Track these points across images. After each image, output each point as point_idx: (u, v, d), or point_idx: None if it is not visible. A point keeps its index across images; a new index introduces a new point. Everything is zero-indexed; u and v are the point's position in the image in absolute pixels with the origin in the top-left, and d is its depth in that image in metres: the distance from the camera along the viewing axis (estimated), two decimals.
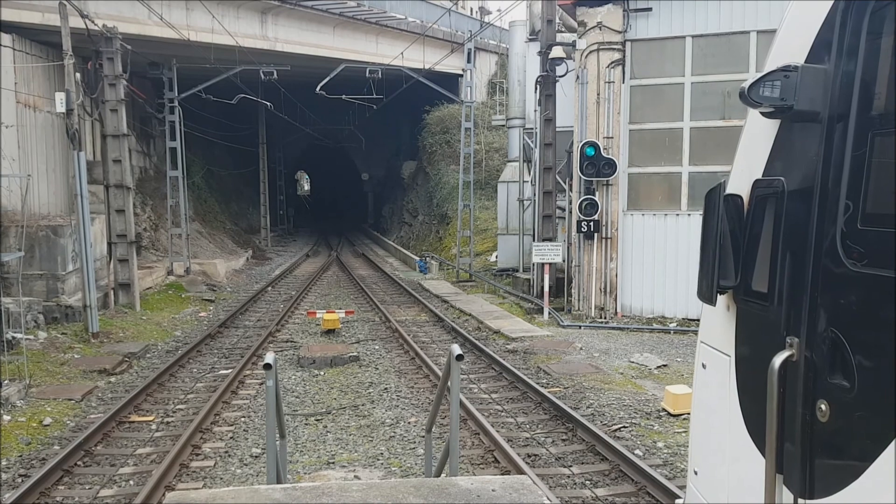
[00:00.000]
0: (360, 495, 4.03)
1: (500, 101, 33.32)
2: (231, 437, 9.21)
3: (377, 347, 14.89)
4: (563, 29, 19.31)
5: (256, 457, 8.47)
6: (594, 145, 16.37)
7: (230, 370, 12.57)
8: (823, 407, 2.11)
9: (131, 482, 7.80)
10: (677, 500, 3.60)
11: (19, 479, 7.80)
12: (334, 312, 16.65)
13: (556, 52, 17.66)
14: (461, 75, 30.75)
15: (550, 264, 17.79)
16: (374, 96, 29.55)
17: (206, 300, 21.65)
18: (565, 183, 19.28)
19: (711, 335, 2.93)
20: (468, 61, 27.70)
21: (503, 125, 29.03)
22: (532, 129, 21.70)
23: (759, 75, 2.35)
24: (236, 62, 24.59)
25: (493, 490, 4.11)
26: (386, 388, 11.56)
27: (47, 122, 17.95)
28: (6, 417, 9.76)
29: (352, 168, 56.76)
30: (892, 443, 1.85)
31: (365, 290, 23.24)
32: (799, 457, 2.20)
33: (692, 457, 3.21)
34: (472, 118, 27.66)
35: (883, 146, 2.01)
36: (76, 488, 7.66)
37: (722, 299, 2.74)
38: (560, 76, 18.62)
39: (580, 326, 16.14)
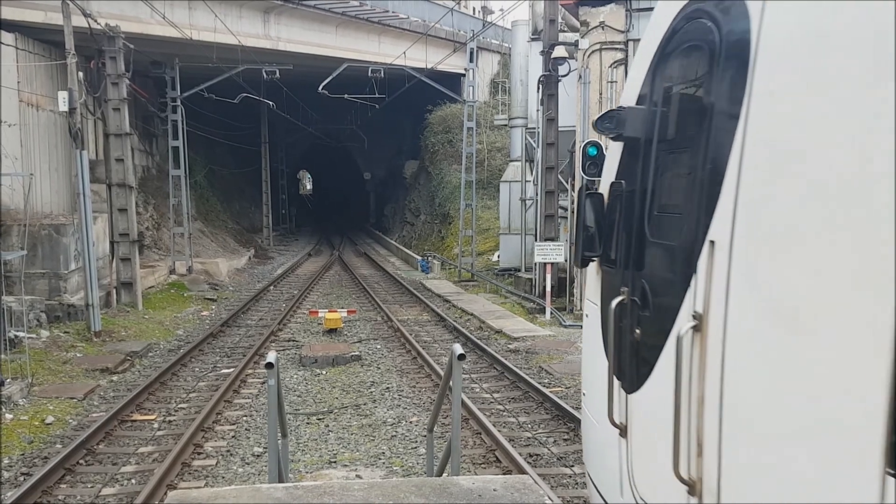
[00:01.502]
0: (362, 494, 4.03)
1: (502, 100, 33.29)
2: (233, 436, 9.22)
3: (379, 347, 14.89)
4: (566, 28, 19.28)
5: (258, 456, 8.48)
6: (596, 145, 16.30)
7: (232, 369, 12.58)
8: (638, 331, 3.11)
9: (133, 481, 7.81)
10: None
11: (21, 478, 7.81)
12: (336, 312, 16.66)
13: (559, 51, 17.61)
14: (463, 75, 30.74)
15: (552, 264, 17.76)
16: (377, 96, 29.53)
17: (208, 299, 21.66)
18: (567, 182, 19.26)
19: (590, 293, 3.99)
20: (470, 61, 27.66)
21: (505, 125, 28.95)
22: (534, 128, 21.65)
23: (603, 112, 3.48)
24: (239, 61, 24.59)
25: (494, 490, 4.10)
26: (388, 388, 11.56)
27: (50, 121, 17.96)
28: (8, 416, 9.77)
29: (354, 167, 56.72)
30: (663, 350, 2.80)
31: (367, 290, 23.24)
32: (627, 365, 3.21)
33: (583, 382, 4.24)
34: (474, 118, 27.61)
35: (668, 161, 3.03)
36: (78, 487, 7.68)
37: (594, 266, 3.81)
38: (562, 76, 18.57)
39: (582, 326, 16.10)
